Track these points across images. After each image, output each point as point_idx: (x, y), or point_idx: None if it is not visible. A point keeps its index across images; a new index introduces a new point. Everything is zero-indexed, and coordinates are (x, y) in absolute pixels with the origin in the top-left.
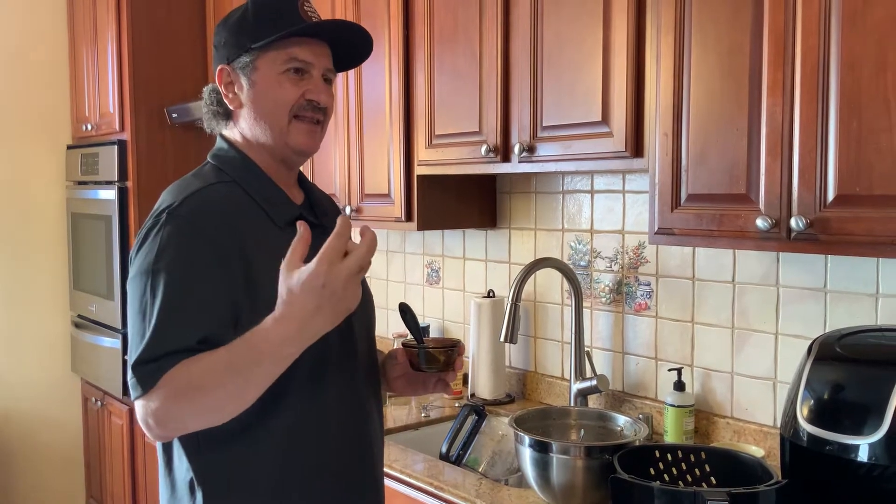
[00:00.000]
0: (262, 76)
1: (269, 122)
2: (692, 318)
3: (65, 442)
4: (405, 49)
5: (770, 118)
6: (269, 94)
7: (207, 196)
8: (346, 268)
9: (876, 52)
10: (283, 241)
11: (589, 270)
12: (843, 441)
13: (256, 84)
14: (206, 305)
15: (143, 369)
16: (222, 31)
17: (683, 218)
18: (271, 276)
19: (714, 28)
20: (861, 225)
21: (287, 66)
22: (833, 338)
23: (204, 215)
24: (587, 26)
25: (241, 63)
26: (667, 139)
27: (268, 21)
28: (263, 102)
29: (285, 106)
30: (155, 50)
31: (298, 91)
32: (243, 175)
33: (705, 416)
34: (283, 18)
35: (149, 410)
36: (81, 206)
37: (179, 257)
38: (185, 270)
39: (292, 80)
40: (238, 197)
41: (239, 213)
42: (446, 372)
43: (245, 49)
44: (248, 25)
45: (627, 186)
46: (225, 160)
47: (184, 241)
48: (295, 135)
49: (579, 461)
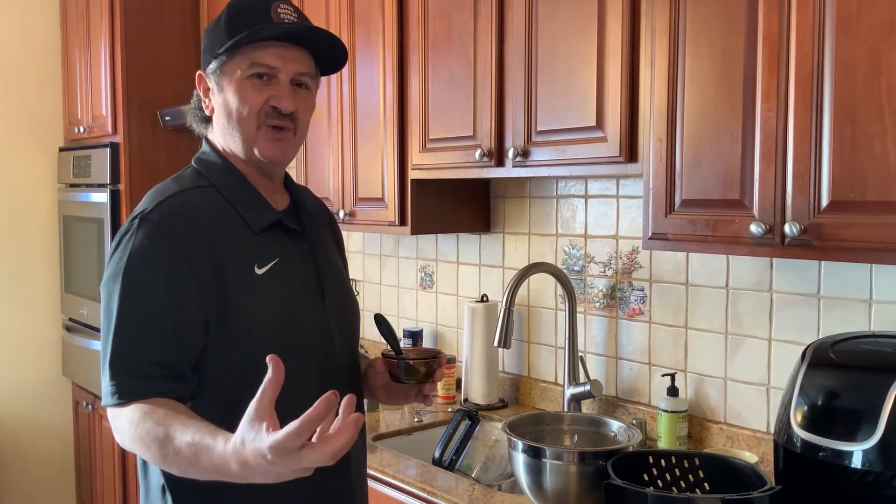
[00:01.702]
0: (227, 82)
1: (236, 129)
2: (686, 324)
3: (55, 446)
4: (399, 53)
5: (764, 124)
6: (233, 100)
7: (181, 201)
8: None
9: (869, 57)
10: (259, 247)
11: (583, 275)
12: (837, 447)
13: (224, 90)
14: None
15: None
16: (203, 37)
17: (677, 223)
18: (243, 283)
19: (708, 34)
20: (855, 231)
21: (250, 71)
22: (827, 344)
23: (175, 221)
24: (581, 31)
25: (211, 69)
26: (661, 144)
27: (237, 26)
28: (230, 109)
29: (250, 113)
30: (148, 52)
31: (262, 97)
32: (222, 179)
33: (699, 421)
34: (253, 23)
35: (115, 425)
36: (73, 208)
37: (148, 267)
38: (151, 282)
39: (256, 86)
40: (214, 202)
41: (213, 219)
42: (425, 384)
43: (214, 55)
44: (219, 31)
45: (621, 191)
46: (206, 164)
47: (153, 248)
48: (261, 143)
49: (573, 467)
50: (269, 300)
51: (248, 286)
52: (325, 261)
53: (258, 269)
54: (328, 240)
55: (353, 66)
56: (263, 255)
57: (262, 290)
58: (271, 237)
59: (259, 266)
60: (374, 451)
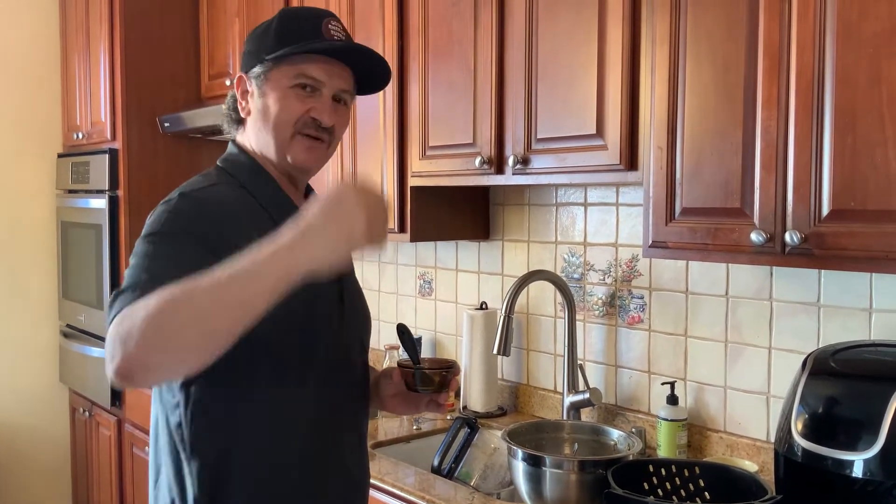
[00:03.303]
0: (271, 88)
1: (272, 134)
2: (685, 332)
3: (52, 453)
4: (400, 61)
5: (765, 132)
6: (275, 106)
7: (215, 191)
8: (368, 192)
9: (870, 66)
10: None
11: (582, 283)
12: (838, 456)
13: (266, 95)
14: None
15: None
16: (248, 41)
17: (677, 231)
18: None
19: (709, 42)
20: (856, 240)
21: (296, 81)
22: (827, 352)
23: (212, 207)
24: (582, 39)
25: (255, 73)
26: (661, 152)
27: (287, 35)
28: (269, 114)
29: (289, 120)
30: (147, 59)
31: (304, 107)
32: (252, 179)
33: (698, 430)
34: (304, 35)
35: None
36: (72, 214)
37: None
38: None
39: (299, 96)
40: (244, 200)
41: (244, 216)
42: (439, 393)
43: (260, 60)
44: (268, 37)
45: (621, 199)
46: (234, 164)
47: (192, 216)
48: (295, 150)
49: (573, 475)
50: (293, 303)
51: None
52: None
53: None
54: None
55: None
56: None
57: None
58: None
59: None
60: (373, 459)
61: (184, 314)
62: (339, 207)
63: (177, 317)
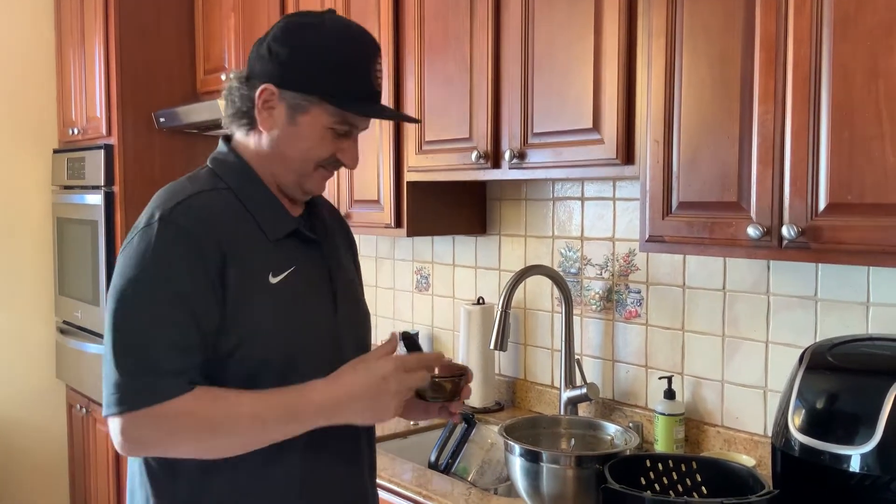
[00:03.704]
0: (308, 122)
1: (293, 166)
2: (682, 326)
3: (49, 449)
4: (396, 56)
5: (761, 126)
6: (306, 141)
7: (199, 203)
8: (408, 379)
9: (867, 59)
10: (275, 255)
11: (579, 278)
12: (836, 451)
13: (298, 125)
14: (183, 332)
15: (137, 383)
16: (286, 48)
17: (674, 226)
18: (256, 291)
19: (705, 35)
20: (853, 233)
21: (337, 126)
22: (825, 347)
23: (193, 224)
24: (578, 32)
25: (292, 96)
26: (658, 146)
27: (342, 74)
28: (296, 145)
29: (317, 158)
30: (142, 54)
31: (334, 148)
32: (240, 183)
33: (695, 424)
34: (357, 80)
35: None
36: (67, 210)
37: (167, 268)
38: (177, 286)
39: (333, 138)
40: (231, 206)
41: (229, 224)
42: (451, 402)
43: (307, 90)
44: (319, 66)
45: (618, 194)
46: (223, 165)
47: (172, 249)
48: (314, 182)
49: (570, 470)
50: (281, 309)
51: (261, 294)
52: (338, 270)
53: (272, 277)
54: (342, 248)
55: None
56: (279, 263)
57: (274, 299)
58: (287, 245)
59: (274, 275)
60: None
61: (223, 441)
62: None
63: (215, 441)
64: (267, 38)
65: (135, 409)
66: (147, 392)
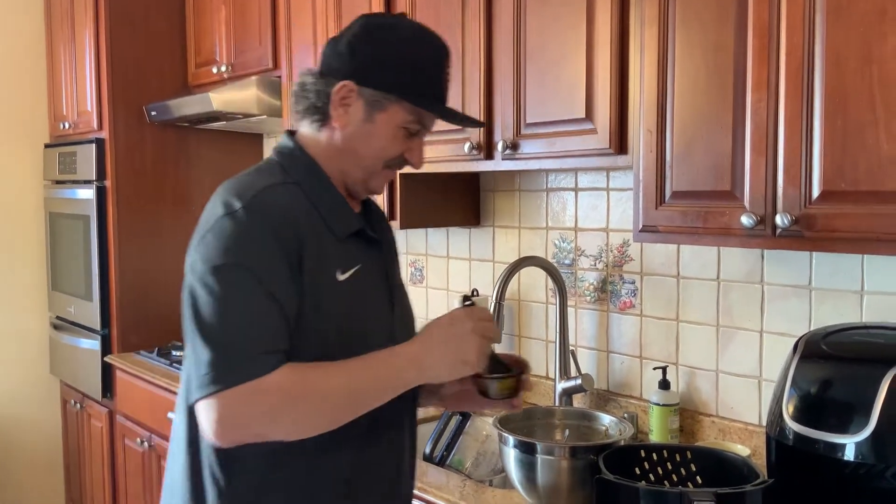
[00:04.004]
0: (383, 120)
1: (363, 164)
2: (677, 317)
3: (44, 445)
4: None
5: (755, 114)
6: (379, 139)
7: (275, 193)
8: (479, 323)
9: (861, 45)
10: (342, 252)
11: (573, 269)
12: (830, 440)
13: (374, 122)
14: (273, 316)
15: (231, 361)
16: (367, 46)
17: (668, 215)
18: (325, 286)
19: (698, 23)
20: (846, 221)
21: (409, 125)
22: (819, 335)
23: (275, 214)
24: (570, 21)
25: (371, 94)
26: (651, 136)
27: (420, 75)
28: (370, 142)
29: (387, 157)
30: (133, 47)
31: (402, 147)
32: (308, 179)
33: (690, 414)
34: (432, 81)
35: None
36: (59, 205)
37: (255, 254)
38: (265, 271)
39: (404, 137)
40: (300, 201)
41: (302, 217)
42: (514, 397)
43: (387, 88)
44: (398, 65)
45: (611, 184)
46: (291, 160)
47: (258, 236)
48: (378, 181)
49: (564, 461)
50: (346, 306)
51: (329, 290)
52: (393, 269)
53: (340, 274)
54: (393, 247)
55: None
56: (346, 260)
57: (341, 295)
58: (351, 243)
59: (342, 272)
60: None
61: (318, 414)
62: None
63: (311, 415)
64: (344, 36)
65: (231, 387)
66: (242, 369)
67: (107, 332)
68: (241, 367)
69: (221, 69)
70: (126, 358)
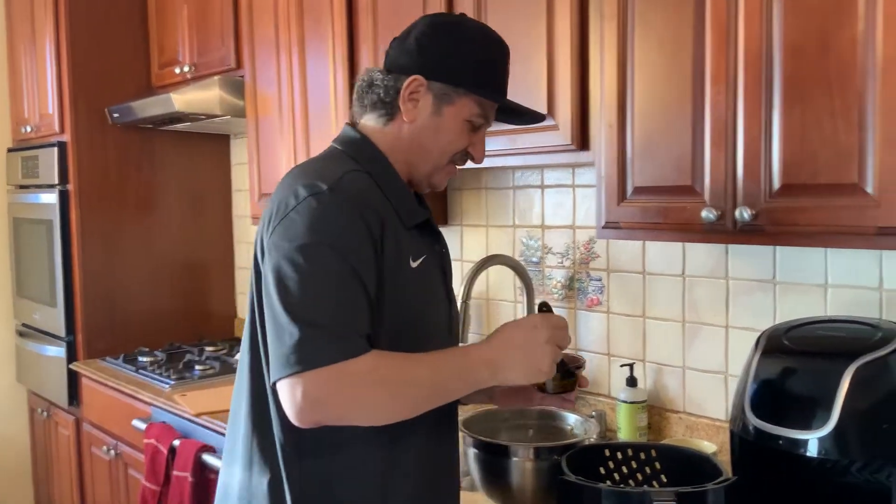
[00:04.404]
0: (451, 113)
1: (430, 157)
2: (644, 313)
3: (12, 453)
4: (349, 43)
5: (714, 107)
6: (447, 133)
7: (358, 178)
8: (555, 332)
9: (818, 35)
10: (412, 241)
11: (541, 267)
12: (792, 436)
13: (442, 116)
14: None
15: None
16: (435, 42)
17: (630, 211)
18: (400, 272)
19: (657, 16)
20: (807, 215)
21: (474, 118)
22: (781, 330)
23: (359, 195)
24: (531, 16)
25: (440, 87)
26: (612, 131)
27: (486, 69)
28: (437, 136)
29: (453, 151)
30: (95, 49)
31: (467, 141)
32: (377, 169)
33: (658, 411)
34: (497, 76)
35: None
36: (23, 210)
37: (342, 235)
38: (353, 252)
39: (468, 130)
40: (373, 188)
41: (379, 202)
42: (571, 391)
43: (455, 82)
44: (466, 60)
45: (577, 181)
46: (360, 151)
47: (345, 216)
48: (441, 176)
49: (528, 463)
50: (418, 295)
51: (403, 277)
52: (449, 266)
53: (413, 262)
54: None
55: (303, 58)
56: (416, 249)
57: (413, 283)
58: (418, 233)
59: (413, 259)
60: None
61: (400, 402)
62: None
63: (394, 402)
64: (411, 33)
65: (321, 366)
66: (333, 349)
67: (72, 338)
68: (331, 347)
69: (184, 69)
70: (92, 365)
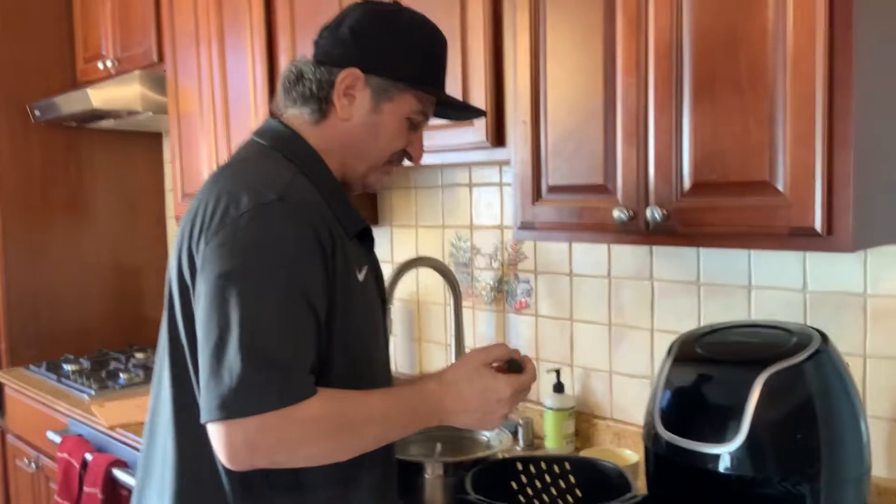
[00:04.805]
0: (391, 110)
1: (366, 155)
2: (571, 316)
3: None
4: (268, 33)
5: (625, 100)
6: (386, 130)
7: (304, 185)
8: (518, 396)
9: (728, 28)
10: (355, 251)
11: (470, 268)
12: (703, 450)
13: (381, 114)
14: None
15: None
16: (373, 32)
17: (545, 211)
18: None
19: (569, 5)
20: (718, 214)
21: (414, 115)
22: (694, 336)
23: (309, 205)
24: (444, 6)
25: (380, 83)
26: (526, 127)
27: (426, 62)
28: (375, 134)
29: (392, 150)
30: (15, 43)
31: (406, 141)
32: (314, 170)
33: (586, 418)
34: (437, 69)
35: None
36: None
37: (291, 254)
38: (305, 273)
39: (408, 128)
40: (317, 194)
41: (326, 212)
42: None
43: (394, 76)
44: (406, 52)
45: (504, 178)
46: (291, 148)
47: (294, 232)
48: (377, 176)
49: (437, 479)
50: (364, 308)
51: (352, 291)
52: (381, 274)
53: (358, 273)
54: None
55: (223, 50)
56: (358, 259)
57: (360, 295)
58: (357, 241)
59: (359, 271)
60: None
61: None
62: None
63: (340, 445)
64: (344, 22)
65: (265, 412)
66: (279, 392)
67: None
68: (277, 390)
69: (108, 64)
70: (14, 373)
